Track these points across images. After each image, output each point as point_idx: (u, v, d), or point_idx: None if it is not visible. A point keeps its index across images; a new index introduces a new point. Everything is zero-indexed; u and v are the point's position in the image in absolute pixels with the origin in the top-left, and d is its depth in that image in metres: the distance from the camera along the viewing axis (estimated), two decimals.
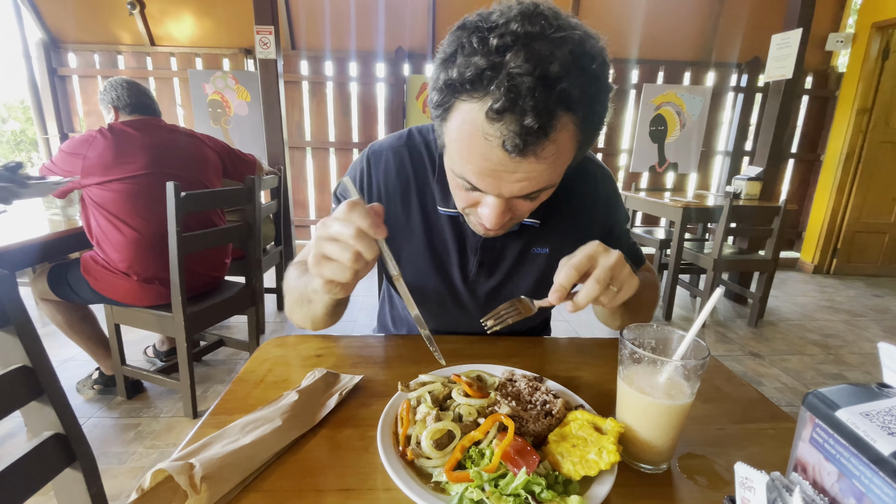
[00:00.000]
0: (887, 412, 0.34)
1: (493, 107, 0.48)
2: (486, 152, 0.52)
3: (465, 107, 0.52)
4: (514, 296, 0.83)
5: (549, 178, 0.56)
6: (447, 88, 0.53)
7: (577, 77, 0.49)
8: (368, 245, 0.51)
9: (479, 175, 0.55)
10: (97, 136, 1.62)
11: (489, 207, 0.60)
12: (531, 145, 0.50)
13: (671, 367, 0.50)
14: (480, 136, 0.51)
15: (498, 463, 0.45)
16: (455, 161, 0.58)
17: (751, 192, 3.16)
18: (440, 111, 0.56)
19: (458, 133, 0.54)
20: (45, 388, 0.62)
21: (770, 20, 3.80)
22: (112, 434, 1.74)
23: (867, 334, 2.96)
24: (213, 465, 0.45)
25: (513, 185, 0.55)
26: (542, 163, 0.53)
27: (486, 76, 0.48)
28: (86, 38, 3.92)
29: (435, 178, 0.77)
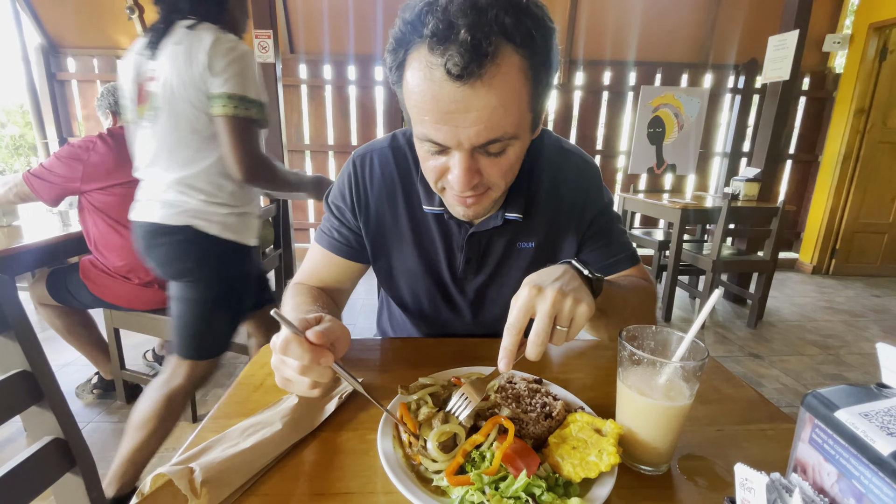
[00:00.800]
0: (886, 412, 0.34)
1: (430, 34, 0.51)
2: (436, 90, 0.53)
3: (413, 53, 0.55)
4: (503, 292, 0.84)
5: (505, 122, 0.55)
6: (396, 44, 0.56)
7: (507, 6, 0.51)
8: (320, 373, 0.52)
9: (437, 124, 0.56)
10: (97, 141, 1.61)
11: (456, 166, 0.59)
12: (473, 64, 0.50)
13: (670, 368, 0.50)
14: (428, 73, 0.53)
15: (498, 465, 0.45)
16: (416, 120, 0.58)
17: (749, 193, 3.17)
18: (395, 73, 0.58)
19: (411, 83, 0.56)
20: (44, 393, 0.62)
21: (767, 22, 3.81)
22: (112, 438, 1.73)
23: (866, 335, 2.97)
24: (213, 469, 0.45)
25: (469, 128, 0.55)
26: (492, 92, 0.53)
27: (422, 14, 0.52)
28: (85, 42, 3.92)
29: (419, 178, 0.77)
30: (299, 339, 0.51)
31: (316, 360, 0.51)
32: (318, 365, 0.51)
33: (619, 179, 4.42)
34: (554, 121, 4.24)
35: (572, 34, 4.00)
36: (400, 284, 0.87)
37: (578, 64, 4.10)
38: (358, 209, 0.80)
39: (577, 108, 4.22)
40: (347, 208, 0.81)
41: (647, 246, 3.46)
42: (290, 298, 0.79)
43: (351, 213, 0.81)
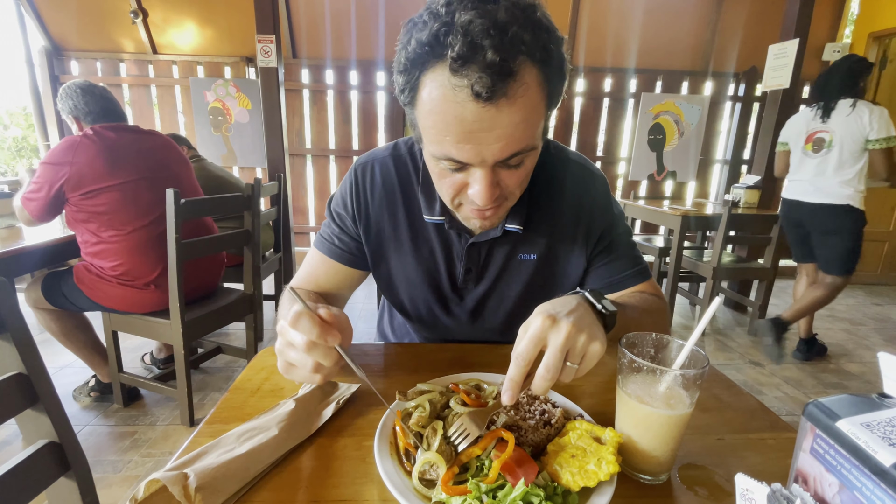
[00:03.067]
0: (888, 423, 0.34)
1: (454, 56, 0.49)
2: (459, 111, 0.52)
3: (430, 75, 0.53)
4: (503, 303, 0.84)
5: (526, 135, 0.56)
6: (409, 64, 0.54)
7: (525, 23, 0.51)
8: (325, 354, 0.53)
9: (459, 143, 0.55)
10: (83, 140, 1.55)
11: (478, 182, 0.59)
12: (500, 84, 0.50)
13: (670, 376, 0.49)
14: (451, 95, 0.52)
15: (496, 475, 0.45)
16: (433, 140, 0.57)
17: (749, 201, 3.17)
18: (408, 95, 0.57)
19: (429, 104, 0.55)
20: (40, 396, 0.62)
21: (767, 30, 3.83)
22: (108, 442, 1.72)
23: (867, 343, 2.95)
24: (207, 475, 0.45)
25: (493, 145, 0.54)
26: (515, 109, 0.52)
27: (441, 34, 0.50)
28: (88, 45, 3.95)
29: (419, 187, 0.77)
30: (310, 313, 0.52)
31: (323, 336, 0.52)
32: (325, 343, 0.52)
33: (619, 186, 4.43)
34: (555, 127, 4.25)
35: (573, 41, 4.02)
36: (399, 292, 0.86)
37: (579, 71, 4.11)
38: (358, 217, 0.81)
39: (577, 115, 4.24)
40: (348, 216, 0.81)
41: (647, 252, 3.46)
42: (287, 302, 0.78)
43: (352, 220, 0.81)
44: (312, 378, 0.55)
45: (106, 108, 1.70)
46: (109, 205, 1.60)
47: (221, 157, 4.05)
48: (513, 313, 0.85)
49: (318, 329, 0.52)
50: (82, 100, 1.66)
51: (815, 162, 2.42)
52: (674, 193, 4.43)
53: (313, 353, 0.53)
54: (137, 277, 1.67)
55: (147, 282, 1.68)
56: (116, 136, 1.64)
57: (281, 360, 0.57)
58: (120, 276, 1.66)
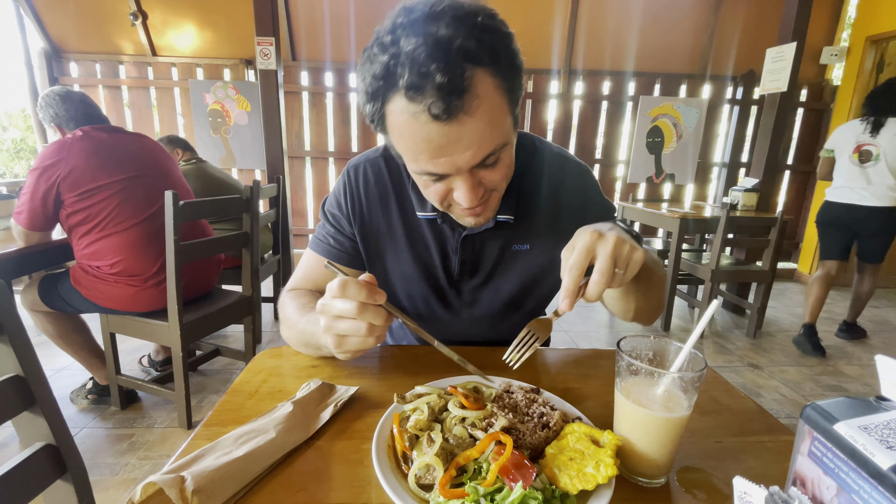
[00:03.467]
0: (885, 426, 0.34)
1: (406, 85, 0.52)
2: (424, 133, 0.55)
3: (391, 105, 0.56)
4: (500, 294, 0.85)
5: (494, 136, 0.58)
6: (371, 97, 0.57)
7: (468, 31, 0.52)
8: (376, 313, 0.55)
9: (433, 159, 0.58)
10: (74, 140, 1.55)
11: (461, 188, 0.62)
12: (455, 102, 0.52)
13: (668, 379, 0.49)
14: (412, 121, 0.54)
15: (495, 478, 0.44)
16: (409, 159, 0.61)
17: (747, 203, 3.18)
18: (378, 124, 0.60)
19: (398, 130, 0.58)
20: (37, 399, 0.61)
21: (764, 34, 3.85)
22: (105, 444, 1.71)
23: (866, 346, 2.96)
24: (204, 478, 0.45)
25: (464, 153, 0.57)
26: (476, 118, 0.54)
27: (391, 66, 0.52)
28: (87, 47, 3.95)
29: (410, 185, 0.80)
30: (354, 279, 0.55)
31: (372, 296, 0.55)
32: (374, 303, 0.55)
33: (618, 188, 4.44)
34: (553, 130, 4.26)
35: (572, 45, 4.03)
36: (396, 289, 0.87)
37: (578, 74, 4.13)
38: (353, 217, 0.82)
39: (576, 118, 4.25)
40: (343, 216, 0.83)
41: None
42: (291, 301, 0.79)
43: (346, 220, 0.83)
44: (366, 342, 0.56)
45: (87, 113, 1.70)
46: (106, 203, 1.60)
47: (220, 159, 4.05)
48: (508, 303, 0.87)
49: (366, 290, 0.54)
50: (62, 107, 1.67)
51: (864, 171, 2.62)
52: (672, 196, 4.44)
53: (365, 315, 0.54)
54: (137, 273, 1.67)
55: (147, 277, 1.68)
56: (106, 137, 1.65)
57: (331, 336, 0.57)
58: (118, 273, 1.65)
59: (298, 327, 0.73)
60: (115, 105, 4.06)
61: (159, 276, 1.68)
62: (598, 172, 4.40)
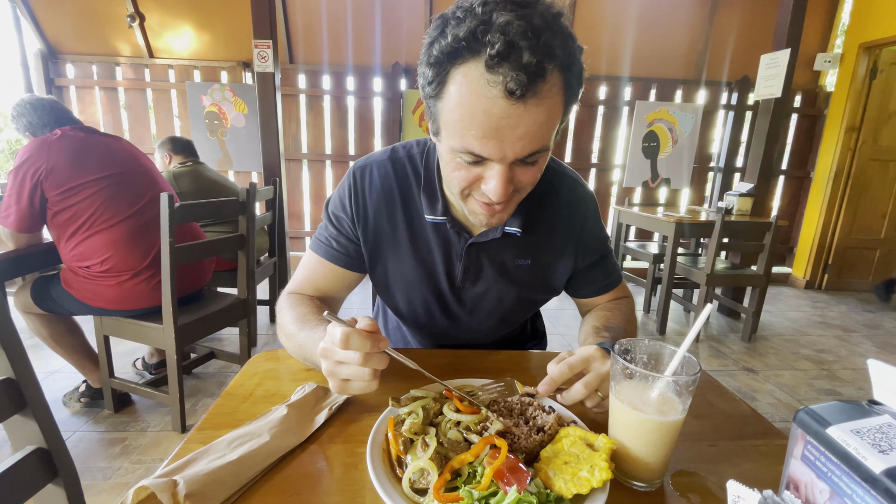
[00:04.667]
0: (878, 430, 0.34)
1: (492, 52, 0.51)
2: (488, 106, 0.54)
3: (462, 69, 0.55)
4: (500, 305, 0.86)
5: (546, 135, 0.59)
6: (442, 57, 0.55)
7: (555, 31, 0.54)
8: (380, 360, 0.57)
9: (483, 138, 0.57)
10: (53, 139, 1.55)
11: (494, 178, 0.60)
12: (533, 84, 0.52)
13: (663, 382, 0.49)
14: (483, 90, 0.54)
15: (489, 482, 0.44)
16: (456, 133, 0.59)
17: (742, 208, 3.20)
18: (435, 87, 0.58)
19: (457, 98, 0.56)
20: (28, 402, 0.61)
21: (759, 40, 3.88)
22: (98, 448, 1.70)
23: (859, 350, 2.97)
24: (197, 482, 0.44)
25: (515, 143, 0.57)
26: (541, 109, 0.55)
27: (479, 31, 0.52)
28: (84, 49, 3.94)
29: (420, 188, 0.79)
30: (357, 330, 0.55)
31: (376, 346, 0.55)
32: (378, 351, 0.56)
33: (614, 192, 4.45)
34: None
35: None
36: (396, 293, 0.87)
37: None
38: (357, 218, 0.81)
39: (573, 122, 4.26)
40: (347, 217, 0.82)
41: (641, 259, 3.47)
42: (290, 308, 0.78)
43: (350, 222, 0.82)
44: (370, 386, 0.57)
45: (59, 118, 1.69)
46: (91, 200, 1.59)
47: (217, 161, 4.04)
48: (506, 314, 0.88)
49: (369, 342, 0.55)
50: (35, 115, 1.66)
51: None
52: (668, 200, 4.46)
53: (370, 363, 0.55)
54: (127, 269, 1.65)
55: (137, 272, 1.66)
56: (83, 136, 1.65)
57: (335, 381, 0.58)
58: (108, 270, 1.64)
59: (296, 340, 0.72)
60: (112, 107, 4.05)
61: (149, 271, 1.67)
62: (594, 177, 4.42)
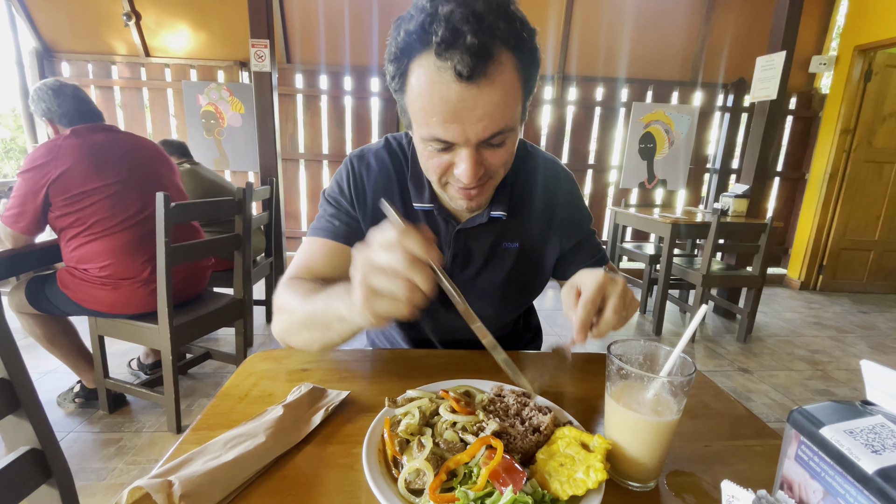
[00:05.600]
0: (871, 430, 0.34)
1: (438, 40, 0.55)
2: (444, 92, 0.57)
3: (417, 61, 0.58)
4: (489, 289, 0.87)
5: (506, 115, 0.60)
6: (399, 53, 0.59)
7: (500, 13, 0.56)
8: (423, 273, 0.49)
9: (445, 123, 0.59)
10: (65, 141, 1.52)
11: (463, 161, 0.63)
12: (479, 65, 0.55)
13: (658, 383, 0.50)
14: (436, 77, 0.57)
15: (485, 482, 0.44)
16: (421, 122, 0.62)
17: (738, 209, 3.21)
18: (398, 82, 0.62)
19: (417, 89, 0.60)
20: (22, 402, 0.61)
21: (755, 43, 3.90)
22: (92, 449, 1.69)
23: (854, 350, 2.99)
24: (192, 482, 0.44)
25: (475, 124, 0.59)
26: (494, 89, 0.57)
27: (426, 23, 0.56)
28: (80, 47, 3.92)
29: (409, 177, 0.82)
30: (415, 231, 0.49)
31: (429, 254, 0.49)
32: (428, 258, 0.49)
33: (610, 193, 4.47)
34: (547, 135, 4.29)
35: (566, 51, 4.06)
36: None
37: (571, 80, 4.16)
38: (357, 201, 0.83)
39: (569, 123, 4.27)
40: (346, 200, 0.83)
41: (637, 259, 3.48)
42: (291, 290, 0.75)
43: (349, 204, 0.83)
44: (401, 309, 0.50)
45: (80, 109, 1.66)
46: (97, 207, 1.58)
47: (213, 160, 4.03)
48: (496, 299, 0.88)
49: (424, 245, 0.48)
50: (55, 101, 1.62)
51: None
52: (664, 201, 4.47)
53: (413, 272, 0.48)
54: (127, 277, 1.64)
55: (136, 280, 1.66)
56: (98, 138, 1.62)
57: (363, 289, 0.50)
58: (107, 276, 1.63)
59: (304, 308, 0.68)
60: (107, 105, 4.03)
61: (149, 279, 1.66)
62: (590, 178, 4.43)
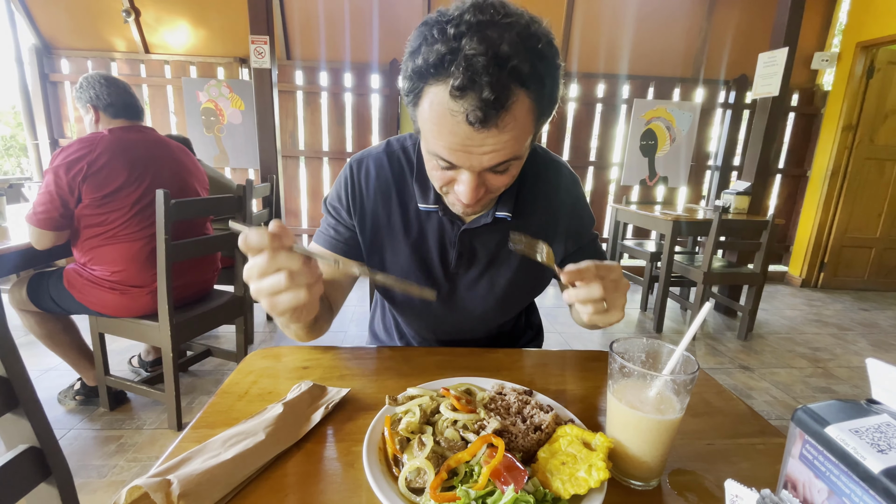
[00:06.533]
0: (876, 429, 0.34)
1: (455, 85, 0.54)
2: (453, 128, 0.58)
3: (432, 90, 0.58)
4: (493, 290, 0.87)
5: (513, 149, 0.61)
6: (415, 76, 0.58)
7: (526, 55, 0.55)
8: (289, 258, 0.51)
9: (451, 150, 0.60)
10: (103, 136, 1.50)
11: (464, 183, 0.64)
12: (491, 118, 0.55)
13: (661, 381, 0.49)
14: (447, 114, 0.57)
15: (486, 481, 0.44)
16: (429, 140, 0.63)
17: (739, 207, 3.20)
18: (411, 97, 0.62)
19: (428, 114, 0.60)
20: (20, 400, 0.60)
21: (757, 39, 3.88)
22: (93, 447, 1.69)
23: (855, 348, 2.99)
24: (191, 481, 0.44)
25: (481, 157, 0.60)
26: (504, 134, 0.58)
27: (446, 60, 0.54)
28: (79, 44, 3.90)
29: (414, 178, 0.82)
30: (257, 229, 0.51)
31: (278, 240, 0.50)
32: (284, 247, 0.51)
33: (611, 190, 4.46)
34: (548, 132, 4.27)
35: (567, 47, 4.04)
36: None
37: (573, 76, 4.14)
38: (353, 209, 0.84)
39: (570, 120, 4.26)
40: (343, 208, 0.84)
41: (639, 257, 3.47)
42: None
43: (346, 212, 0.84)
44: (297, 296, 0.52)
45: (126, 103, 1.66)
46: (121, 212, 1.56)
47: (213, 157, 4.02)
48: (500, 300, 0.89)
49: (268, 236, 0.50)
50: (105, 90, 1.62)
51: None
52: (665, 198, 4.46)
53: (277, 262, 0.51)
54: (136, 285, 1.64)
55: (145, 290, 1.65)
56: (134, 139, 1.60)
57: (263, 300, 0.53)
58: (117, 281, 1.63)
59: None
60: None
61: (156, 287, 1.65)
62: (591, 174, 4.42)
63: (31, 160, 4.13)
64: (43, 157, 4.06)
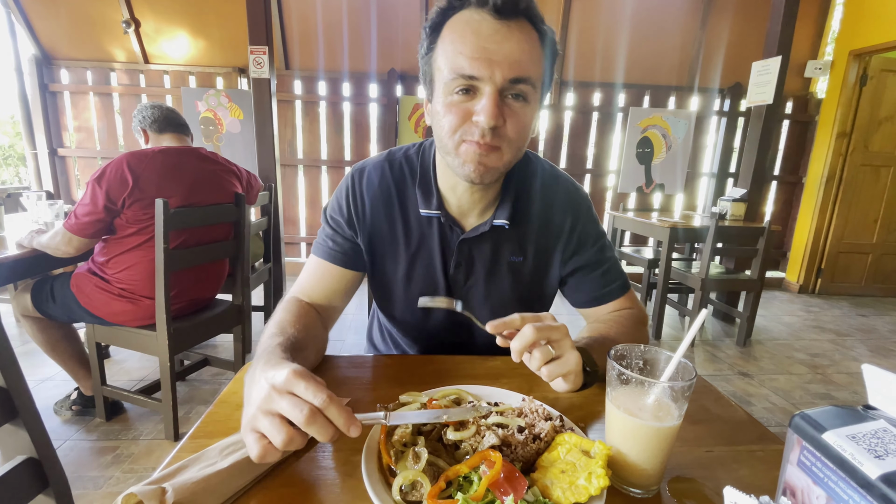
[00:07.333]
0: (873, 435, 0.34)
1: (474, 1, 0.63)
2: (476, 26, 0.63)
3: (455, 17, 0.66)
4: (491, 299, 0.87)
5: (528, 66, 0.65)
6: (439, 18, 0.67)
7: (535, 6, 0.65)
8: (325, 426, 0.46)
9: (472, 59, 0.63)
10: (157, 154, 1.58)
11: (486, 97, 0.65)
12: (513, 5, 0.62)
13: (659, 388, 0.49)
14: (471, 17, 0.64)
15: (484, 491, 0.44)
16: (449, 62, 0.65)
17: (736, 213, 3.22)
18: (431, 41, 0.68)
19: (449, 35, 0.66)
20: (19, 411, 0.60)
21: (750, 48, 3.93)
22: (89, 457, 1.67)
23: (853, 354, 2.99)
24: (186, 489, 0.44)
25: (502, 62, 0.63)
26: (523, 35, 0.64)
27: None
28: (79, 54, 3.93)
29: (417, 183, 0.83)
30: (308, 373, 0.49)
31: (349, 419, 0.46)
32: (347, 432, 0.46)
33: (608, 198, 4.48)
34: (545, 140, 4.30)
35: (563, 56, 4.08)
36: (393, 289, 0.88)
37: (569, 85, 4.18)
38: (355, 218, 0.84)
39: (567, 128, 4.29)
40: (344, 219, 0.85)
41: (636, 264, 3.48)
42: (281, 311, 0.77)
43: (347, 223, 0.84)
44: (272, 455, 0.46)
45: (169, 118, 1.80)
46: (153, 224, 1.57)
47: None
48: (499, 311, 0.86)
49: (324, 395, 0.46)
50: (149, 111, 1.77)
51: None
52: (662, 206, 4.49)
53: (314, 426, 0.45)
54: (145, 296, 1.64)
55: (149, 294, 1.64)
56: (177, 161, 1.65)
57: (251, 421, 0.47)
58: (128, 290, 1.63)
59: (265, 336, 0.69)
60: (106, 112, 4.04)
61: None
62: (588, 182, 4.44)
63: (30, 170, 4.13)
64: (42, 166, 4.07)
